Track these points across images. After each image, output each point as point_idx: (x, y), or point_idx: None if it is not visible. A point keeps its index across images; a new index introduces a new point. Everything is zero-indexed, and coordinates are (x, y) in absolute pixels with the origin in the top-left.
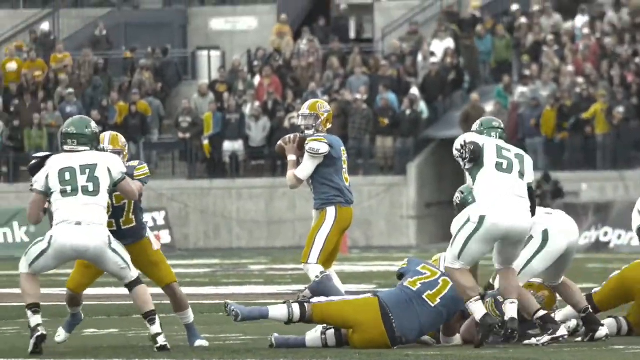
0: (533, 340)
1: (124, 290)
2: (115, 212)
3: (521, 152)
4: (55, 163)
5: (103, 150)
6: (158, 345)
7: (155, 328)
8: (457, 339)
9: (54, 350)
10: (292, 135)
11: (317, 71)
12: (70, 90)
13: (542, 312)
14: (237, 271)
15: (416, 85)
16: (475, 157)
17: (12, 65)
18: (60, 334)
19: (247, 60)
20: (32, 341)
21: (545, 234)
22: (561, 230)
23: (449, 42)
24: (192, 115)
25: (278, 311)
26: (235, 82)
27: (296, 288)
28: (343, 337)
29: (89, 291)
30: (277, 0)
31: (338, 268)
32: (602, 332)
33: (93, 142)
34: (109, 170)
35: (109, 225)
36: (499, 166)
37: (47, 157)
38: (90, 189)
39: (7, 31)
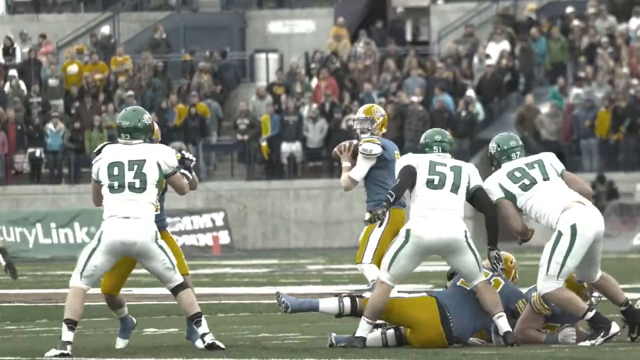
0: (587, 343)
1: None
2: None
3: (459, 163)
4: (107, 156)
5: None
6: (206, 343)
7: (203, 329)
8: None
9: (116, 349)
10: (347, 143)
11: (373, 73)
12: (130, 92)
13: (590, 314)
14: (295, 271)
15: (472, 87)
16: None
17: (73, 68)
18: (119, 342)
19: (305, 62)
20: (55, 352)
21: (573, 228)
22: (587, 221)
23: (505, 45)
24: (250, 117)
25: (329, 304)
26: (292, 84)
27: (353, 288)
28: (403, 337)
29: (148, 291)
30: (335, 3)
31: None
32: None
33: (147, 133)
34: (159, 165)
35: None
36: (429, 183)
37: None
38: (137, 185)
39: (68, 35)
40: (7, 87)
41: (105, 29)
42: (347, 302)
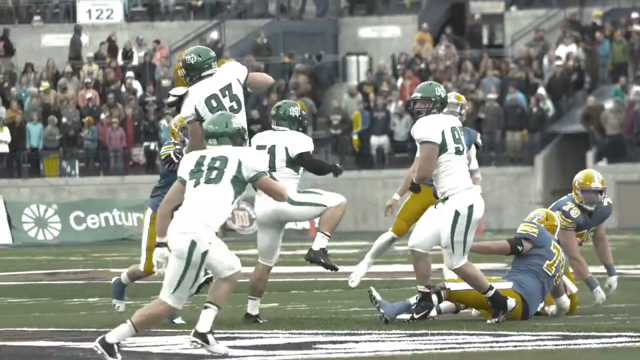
0: (491, 321)
1: (283, 269)
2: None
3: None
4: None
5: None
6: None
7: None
8: (565, 298)
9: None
10: None
11: (453, 74)
12: None
13: (491, 292)
14: None
15: (542, 86)
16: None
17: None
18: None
19: (392, 64)
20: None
21: (470, 209)
22: (479, 204)
23: (572, 47)
24: (342, 114)
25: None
26: (380, 84)
27: (435, 267)
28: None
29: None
30: (419, 11)
31: None
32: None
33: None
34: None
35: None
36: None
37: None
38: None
39: (179, 40)
40: (123, 88)
41: (213, 35)
42: (433, 297)
